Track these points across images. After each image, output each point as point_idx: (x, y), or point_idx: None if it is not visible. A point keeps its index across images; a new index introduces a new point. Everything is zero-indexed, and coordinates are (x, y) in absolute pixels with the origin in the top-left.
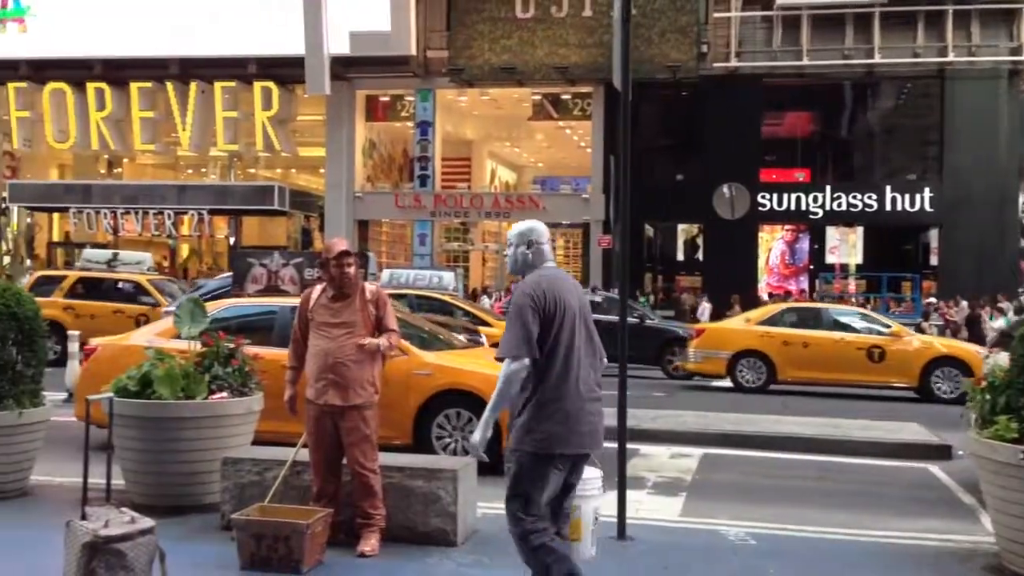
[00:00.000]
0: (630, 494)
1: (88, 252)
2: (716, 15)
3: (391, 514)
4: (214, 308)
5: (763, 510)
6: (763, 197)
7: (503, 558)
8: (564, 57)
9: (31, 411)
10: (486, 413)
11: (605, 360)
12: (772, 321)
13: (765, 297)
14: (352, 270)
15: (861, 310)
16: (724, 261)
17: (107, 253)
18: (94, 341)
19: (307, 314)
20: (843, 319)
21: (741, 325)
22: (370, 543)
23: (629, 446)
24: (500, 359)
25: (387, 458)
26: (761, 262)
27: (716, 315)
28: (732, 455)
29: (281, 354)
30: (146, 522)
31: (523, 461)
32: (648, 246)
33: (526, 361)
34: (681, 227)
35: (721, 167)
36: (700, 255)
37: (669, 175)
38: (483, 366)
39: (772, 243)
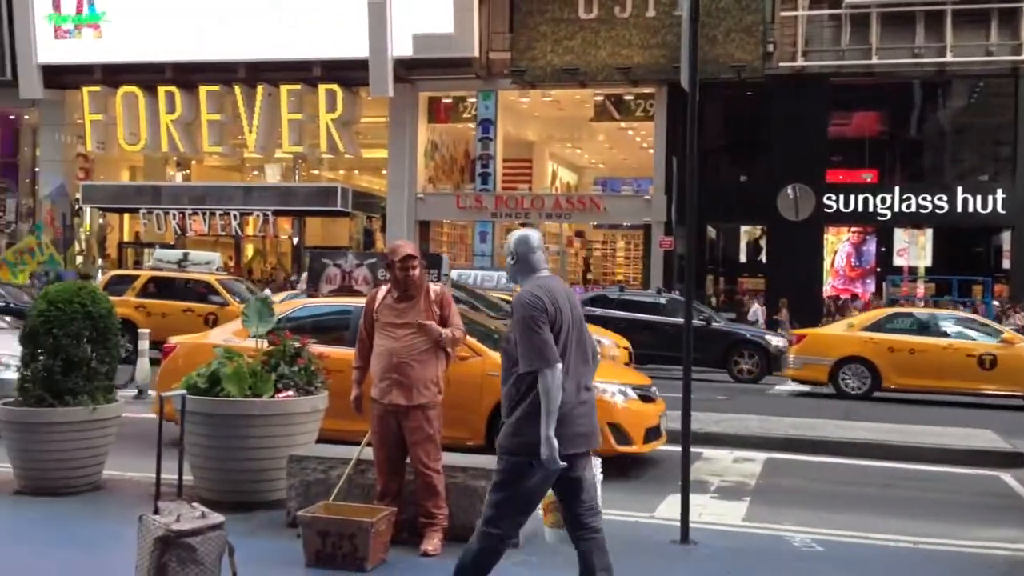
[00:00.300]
0: (693, 498)
1: (159, 252)
2: (783, 14)
3: (454, 514)
4: (289, 308)
5: (829, 516)
6: (829, 198)
7: (563, 559)
8: (627, 58)
9: (104, 407)
10: (544, 431)
11: (599, 359)
12: (877, 327)
13: (846, 299)
14: (416, 272)
15: (971, 315)
16: (788, 263)
17: (178, 253)
18: (172, 339)
19: (373, 314)
20: (952, 325)
21: (844, 331)
22: (433, 542)
23: (691, 450)
24: (529, 372)
25: (451, 458)
26: (826, 264)
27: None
28: (796, 460)
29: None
30: (216, 517)
31: (513, 462)
32: (710, 248)
33: (559, 366)
34: (744, 229)
35: (786, 168)
36: (763, 257)
37: (733, 176)
38: None
39: (838, 245)
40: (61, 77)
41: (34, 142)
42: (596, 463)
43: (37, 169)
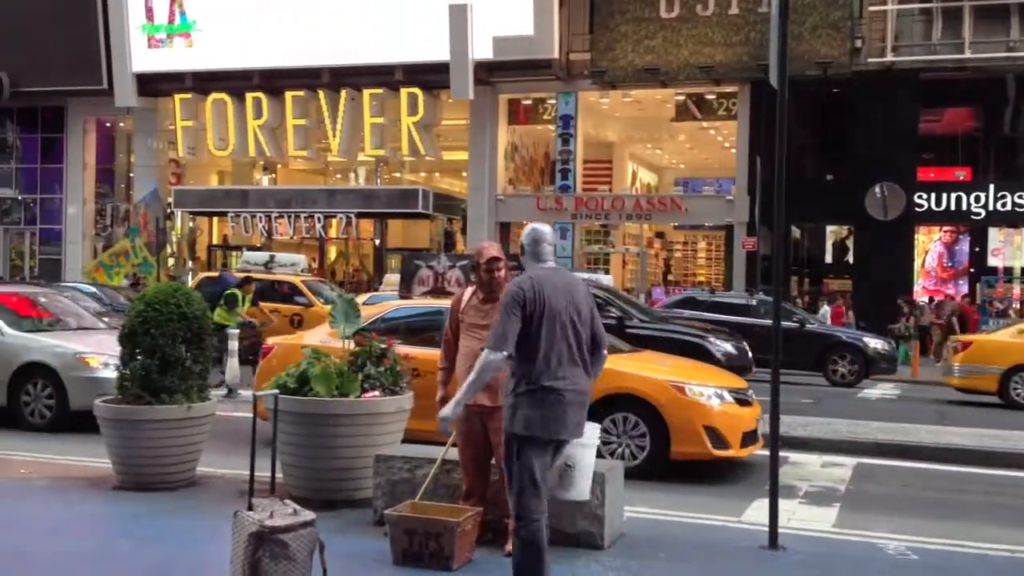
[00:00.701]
0: (781, 503)
1: (247, 254)
2: (871, 8)
3: None
4: (382, 310)
5: (924, 524)
6: (920, 197)
7: (650, 562)
8: (709, 56)
9: (198, 405)
10: (459, 394)
11: (605, 353)
12: None
13: (923, 301)
14: (501, 274)
15: None
16: (876, 264)
17: (264, 255)
18: (270, 340)
19: (459, 315)
20: None
21: (1014, 337)
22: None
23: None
24: (499, 354)
25: None
26: (917, 264)
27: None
28: (887, 465)
29: None
30: (307, 514)
31: (510, 443)
32: (795, 248)
33: (503, 354)
34: (830, 229)
35: (874, 166)
36: (850, 257)
37: (819, 175)
38: (650, 370)
39: (929, 245)
40: (154, 85)
41: (129, 149)
42: (592, 449)
43: (132, 175)
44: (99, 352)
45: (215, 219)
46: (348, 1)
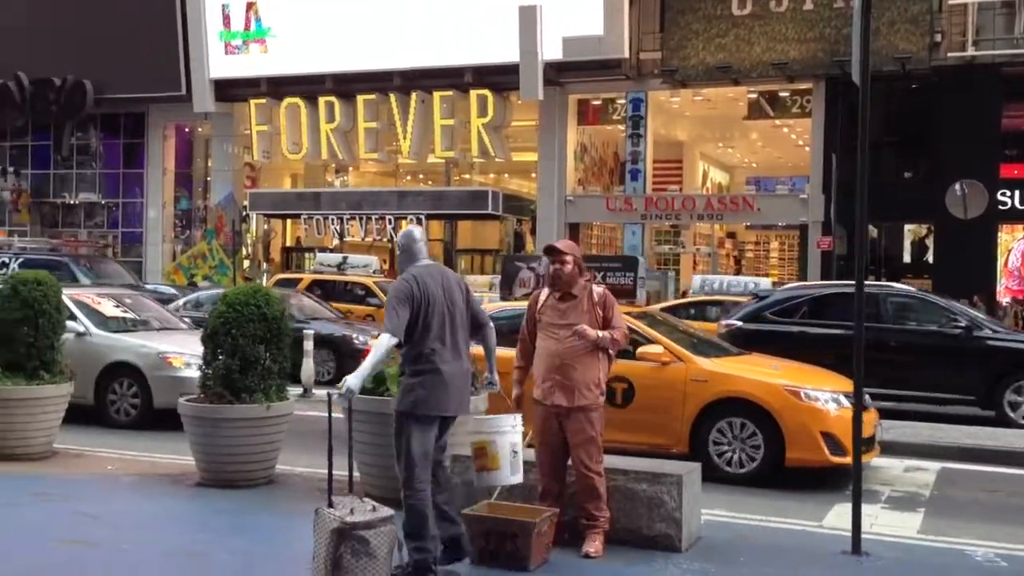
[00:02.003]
0: (863, 508)
1: (321, 256)
2: (951, 2)
3: (615, 517)
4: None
5: (1013, 530)
6: (1003, 194)
7: (729, 567)
8: (783, 53)
9: (277, 404)
10: (364, 369)
11: (490, 323)
12: None
13: (1007, 301)
14: (566, 269)
15: None
16: (957, 263)
17: (337, 257)
18: (371, 341)
19: (535, 315)
20: None
21: None
22: (594, 545)
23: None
24: (409, 346)
25: (611, 461)
26: (999, 264)
27: None
28: (973, 470)
29: None
30: (386, 511)
31: (400, 420)
32: (872, 247)
33: (396, 339)
34: (908, 227)
35: (954, 163)
36: (929, 257)
37: (896, 173)
38: (762, 373)
39: (1012, 244)
40: (230, 90)
41: (206, 153)
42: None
43: (209, 178)
44: (182, 352)
45: (289, 221)
46: (418, 4)
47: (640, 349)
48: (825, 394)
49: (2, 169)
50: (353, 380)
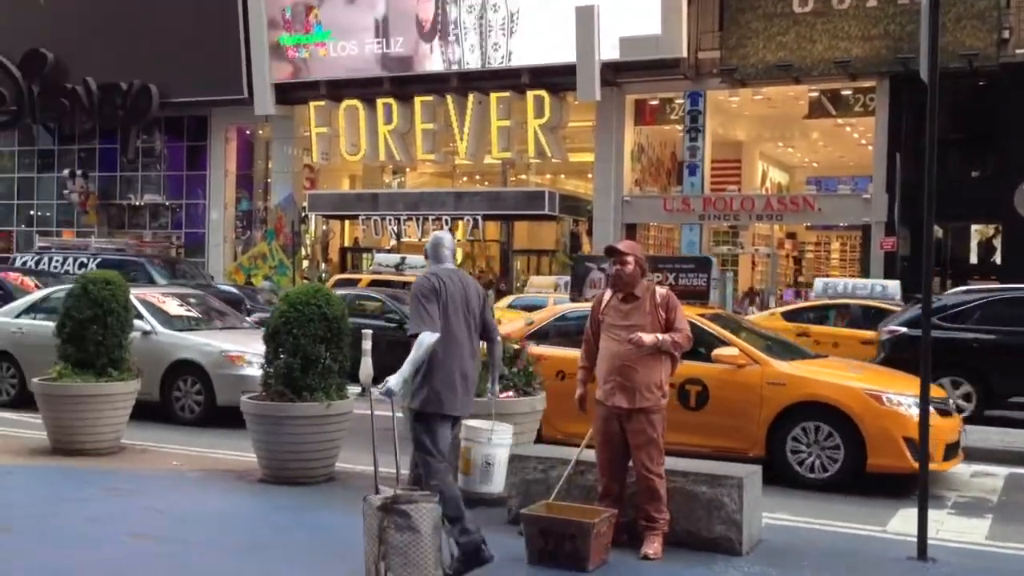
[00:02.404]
0: (929, 513)
1: (379, 256)
2: None
3: (674, 519)
4: (555, 312)
5: None
6: None
7: (791, 571)
8: (845, 51)
9: (337, 403)
10: (404, 371)
11: (497, 338)
12: None
13: None
14: (628, 268)
15: None
16: None
17: (396, 257)
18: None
19: (599, 316)
20: None
21: None
22: (653, 546)
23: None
24: (414, 335)
25: (671, 462)
26: None
27: None
28: None
29: None
30: (429, 494)
31: (413, 417)
32: (938, 248)
33: (437, 334)
34: (975, 227)
35: (1022, 161)
36: (997, 258)
37: (963, 172)
38: (843, 377)
39: None
40: (290, 93)
41: (266, 155)
42: (487, 426)
43: (269, 180)
44: (244, 350)
45: (347, 222)
46: (475, 6)
47: (715, 351)
48: (908, 398)
49: (71, 172)
50: (394, 380)
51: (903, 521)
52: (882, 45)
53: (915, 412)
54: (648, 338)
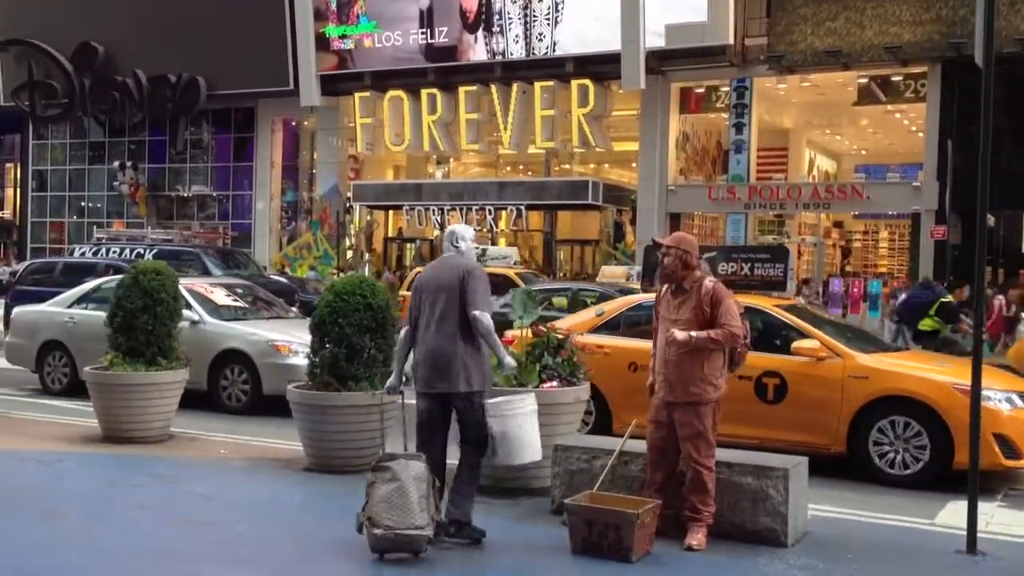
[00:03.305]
0: (979, 506)
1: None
2: None
3: (719, 510)
4: (627, 303)
5: None
6: None
7: (838, 564)
8: (896, 36)
9: (383, 392)
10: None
11: (475, 319)
12: None
13: None
14: (667, 260)
15: None
16: None
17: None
18: (508, 333)
19: (657, 307)
20: None
21: None
22: (697, 537)
23: None
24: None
25: (717, 453)
26: None
27: None
28: None
29: None
30: (416, 454)
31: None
32: (990, 237)
33: (404, 328)
34: None
35: None
36: None
37: (1017, 159)
38: (928, 370)
39: None
40: (336, 84)
41: (312, 146)
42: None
43: (314, 171)
44: (290, 340)
45: (391, 212)
46: None
47: (795, 344)
48: (998, 393)
49: (121, 164)
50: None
51: (952, 514)
52: (934, 30)
53: (1005, 407)
54: (681, 335)
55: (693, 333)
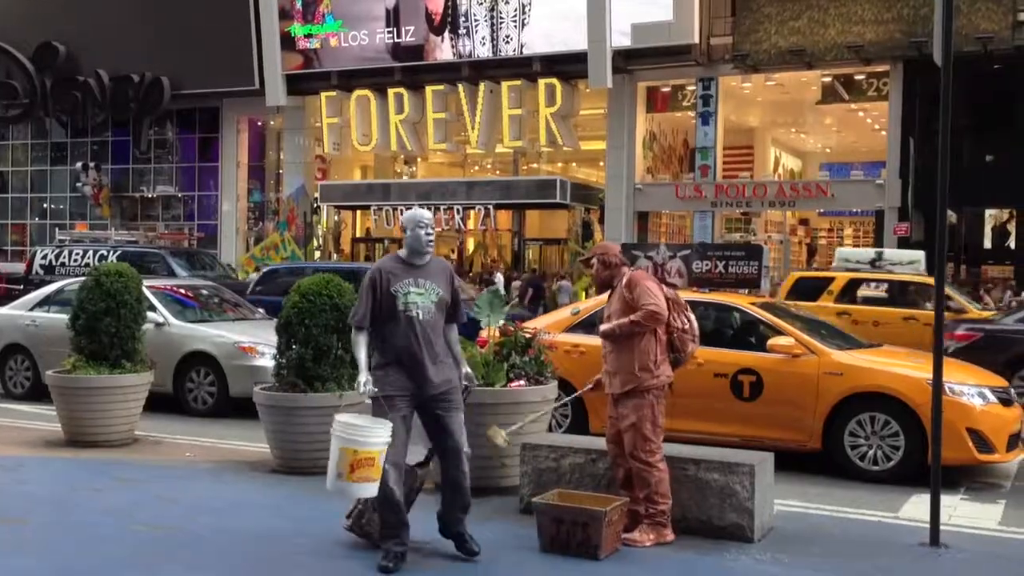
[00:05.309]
0: (941, 499)
1: (845, 252)
2: None
3: (686, 506)
4: (600, 304)
5: None
6: None
7: (803, 558)
8: (858, 35)
9: (350, 394)
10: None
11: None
12: None
13: None
14: (594, 271)
15: None
16: None
17: (869, 252)
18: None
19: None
20: None
21: None
22: (639, 534)
23: None
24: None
25: (682, 450)
26: None
27: None
28: None
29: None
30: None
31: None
32: (951, 233)
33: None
34: (990, 213)
35: None
36: (1011, 243)
37: (977, 157)
38: (902, 366)
39: None
40: (301, 84)
41: (278, 146)
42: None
43: (280, 171)
44: (257, 341)
45: (359, 212)
46: None
47: (770, 341)
48: (970, 388)
49: (83, 165)
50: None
51: (915, 507)
52: (896, 29)
53: (977, 402)
54: (604, 327)
55: (615, 322)
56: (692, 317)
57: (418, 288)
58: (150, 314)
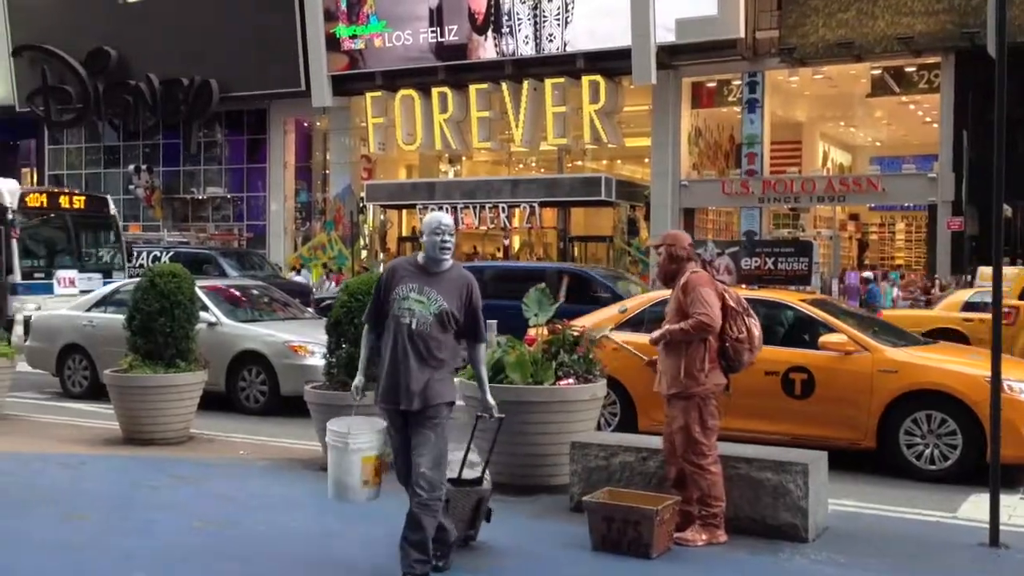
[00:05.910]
0: (1001, 498)
1: None
2: None
3: (739, 505)
4: (651, 299)
5: None
6: None
7: (859, 558)
8: (908, 27)
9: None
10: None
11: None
12: None
13: None
14: (659, 260)
15: None
16: None
17: None
18: (532, 331)
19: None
20: None
21: None
22: (691, 534)
23: None
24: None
25: (736, 449)
26: None
27: None
28: None
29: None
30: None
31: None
32: (1007, 227)
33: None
34: None
35: None
36: None
37: None
38: (959, 364)
39: None
40: (347, 84)
41: (324, 146)
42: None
43: (327, 171)
44: (307, 340)
45: (404, 211)
46: None
47: (822, 338)
48: None
49: (136, 167)
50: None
51: (974, 507)
52: (947, 20)
53: None
54: (655, 333)
55: (665, 327)
56: (754, 324)
57: (420, 296)
58: (202, 314)
